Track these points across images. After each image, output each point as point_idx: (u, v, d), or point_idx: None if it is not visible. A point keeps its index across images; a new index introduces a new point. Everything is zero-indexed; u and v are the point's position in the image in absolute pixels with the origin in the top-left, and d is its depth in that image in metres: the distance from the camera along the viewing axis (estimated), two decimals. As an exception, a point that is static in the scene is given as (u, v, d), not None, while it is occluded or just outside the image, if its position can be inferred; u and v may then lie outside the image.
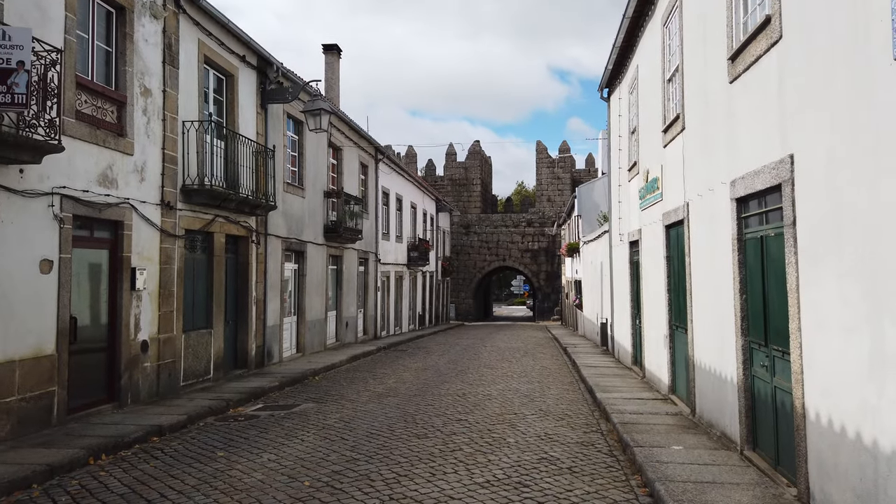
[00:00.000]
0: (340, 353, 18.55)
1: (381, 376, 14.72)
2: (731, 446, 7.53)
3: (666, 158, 10.98)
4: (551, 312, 48.25)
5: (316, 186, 18.83)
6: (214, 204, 12.48)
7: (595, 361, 16.74)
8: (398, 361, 17.95)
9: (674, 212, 10.33)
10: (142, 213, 10.57)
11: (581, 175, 51.86)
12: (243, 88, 14.29)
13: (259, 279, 14.97)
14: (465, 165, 51.28)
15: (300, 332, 17.76)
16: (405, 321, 31.14)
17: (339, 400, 11.53)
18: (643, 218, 13.20)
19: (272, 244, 15.68)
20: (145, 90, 10.74)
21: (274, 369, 14.86)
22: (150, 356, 10.82)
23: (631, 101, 14.91)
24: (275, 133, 15.93)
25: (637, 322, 14.53)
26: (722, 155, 7.79)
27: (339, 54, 22.85)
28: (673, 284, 10.83)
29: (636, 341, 14.73)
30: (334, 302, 20.96)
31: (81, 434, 8.30)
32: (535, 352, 21.16)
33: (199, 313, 12.63)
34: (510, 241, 48.71)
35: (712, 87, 8.16)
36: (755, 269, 6.88)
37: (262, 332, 15.09)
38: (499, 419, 9.77)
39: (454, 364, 17.21)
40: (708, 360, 8.62)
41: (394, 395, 12.04)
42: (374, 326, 25.38)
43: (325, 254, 19.56)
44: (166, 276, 11.24)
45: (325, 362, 16.36)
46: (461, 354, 19.98)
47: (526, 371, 15.74)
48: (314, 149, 18.75)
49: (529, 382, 13.75)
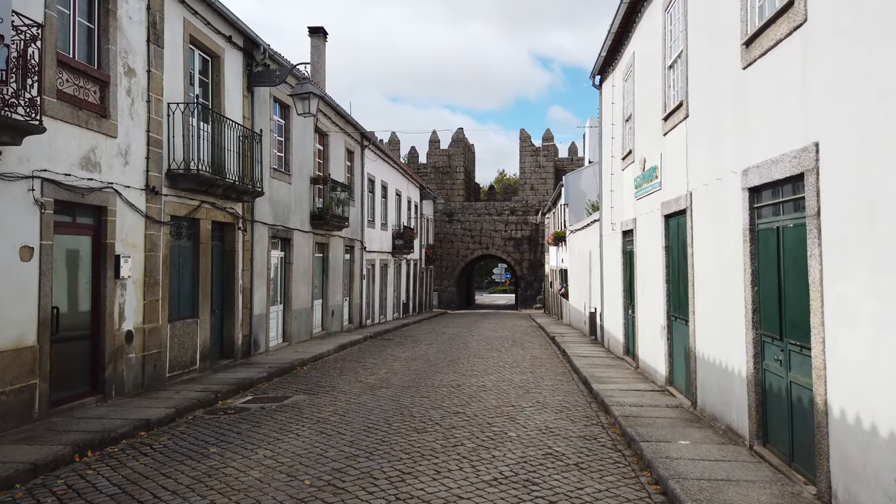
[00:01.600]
0: (327, 343, 18.24)
1: (371, 367, 14.45)
2: (739, 441, 7.39)
3: (666, 147, 10.79)
4: (534, 301, 48.30)
5: (302, 172, 18.42)
6: (201, 189, 12.07)
7: (585, 351, 16.62)
8: (386, 351, 17.69)
9: (674, 201, 10.15)
10: (126, 198, 10.15)
11: (564, 164, 51.78)
12: (229, 70, 13.84)
13: (245, 267, 14.59)
14: (449, 153, 50.91)
15: (287, 321, 17.42)
16: (390, 309, 30.87)
17: (332, 392, 11.25)
18: (639, 207, 13.02)
19: (259, 231, 15.29)
20: (129, 70, 10.29)
21: (261, 359, 14.52)
22: (135, 347, 10.44)
23: (626, 89, 14.70)
24: (261, 117, 15.49)
25: (630, 312, 14.41)
26: (731, 143, 7.60)
27: (325, 37, 22.34)
28: (672, 275, 10.67)
29: (628, 331, 14.62)
30: (320, 290, 20.61)
31: (65, 429, 7.94)
32: (523, 341, 21.02)
33: (185, 302, 12.24)
34: (493, 229, 48.55)
35: (721, 74, 7.95)
36: (769, 260, 6.71)
37: (248, 322, 14.73)
38: (497, 412, 9.56)
39: (444, 354, 16.99)
40: (712, 353, 8.48)
41: (387, 386, 11.79)
42: (359, 315, 25.07)
43: (311, 241, 19.18)
44: (151, 263, 10.84)
45: (312, 352, 16.05)
46: (449, 344, 19.77)
47: (517, 361, 15.56)
48: (301, 134, 18.32)
49: (522, 373, 13.57)
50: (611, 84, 16.33)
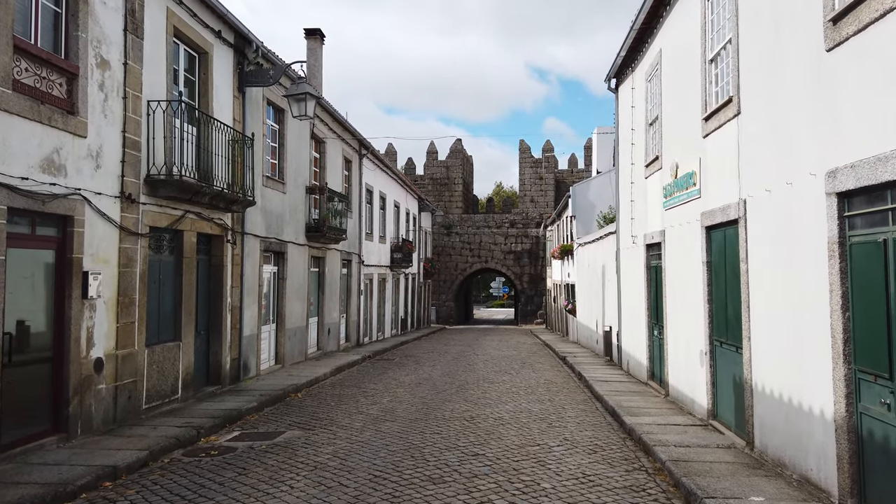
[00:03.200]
0: (323, 364, 16.93)
1: (372, 393, 13.15)
2: (823, 497, 6.15)
3: (707, 150, 9.62)
4: (534, 316, 47.04)
5: (297, 181, 17.19)
6: (184, 198, 10.82)
7: (603, 375, 15.36)
8: (387, 374, 16.39)
9: (720, 211, 8.95)
10: (97, 206, 8.89)
11: (564, 175, 50.84)
12: (218, 68, 12.63)
13: (235, 283, 13.31)
14: (447, 164, 49.84)
15: (279, 342, 16.11)
16: (388, 326, 29.55)
17: (330, 426, 9.96)
18: (669, 218, 11.84)
19: (250, 244, 14.03)
20: (102, 61, 9.07)
21: (251, 385, 13.21)
22: (106, 376, 9.14)
23: (650, 90, 13.57)
24: (253, 120, 14.28)
25: (656, 333, 13.18)
26: (810, 140, 6.42)
27: (322, 39, 21.18)
28: (716, 294, 9.46)
29: (654, 354, 13.38)
30: (316, 307, 19.32)
31: (13, 480, 6.63)
32: (533, 361, 19.74)
33: (166, 324, 10.95)
34: (493, 242, 47.39)
35: (792, 59, 6.79)
36: (868, 281, 5.50)
37: (237, 343, 13.44)
38: (522, 453, 8.29)
39: (450, 377, 15.70)
40: (777, 386, 7.25)
41: (391, 418, 10.50)
42: (356, 332, 23.76)
43: (306, 255, 17.92)
44: (127, 280, 9.57)
45: (307, 375, 14.74)
46: (454, 365, 18.48)
47: (531, 386, 14.29)
48: (296, 140, 17.11)
49: (540, 401, 12.29)
50: (630, 86, 15.20)
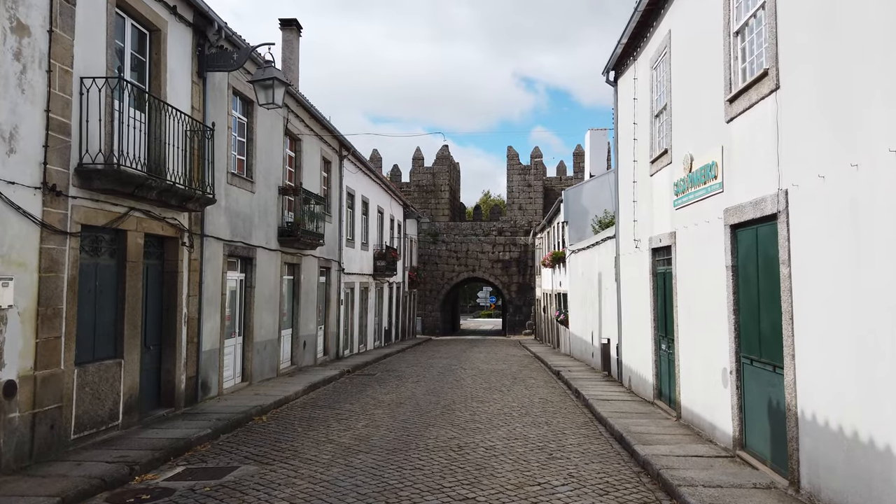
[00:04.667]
0: (296, 381, 15.41)
1: (346, 416, 11.66)
2: (913, 564, 4.78)
3: (732, 136, 8.30)
4: (523, 326, 45.72)
5: (269, 180, 15.73)
6: (127, 192, 9.33)
7: (603, 392, 13.97)
8: (366, 391, 14.90)
9: (751, 205, 7.62)
10: (8, 198, 7.39)
11: (553, 183, 49.73)
12: (174, 49, 11.18)
13: (193, 292, 11.81)
14: (433, 171, 48.52)
15: (246, 357, 14.58)
16: (370, 337, 28.03)
17: (292, 459, 8.48)
18: (680, 218, 10.52)
19: (211, 248, 12.54)
20: (20, 25, 7.60)
21: (210, 407, 11.68)
22: (20, 402, 7.61)
23: (656, 78, 12.29)
24: (217, 111, 12.83)
25: (664, 347, 11.83)
26: (885, 109, 5.09)
27: (298, 31, 19.80)
28: (744, 303, 8.11)
29: (662, 371, 12.03)
30: (290, 318, 17.80)
31: None
32: (524, 376, 18.32)
33: (104, 338, 9.43)
34: (480, 250, 46.08)
35: (854, 14, 5.48)
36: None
37: (195, 359, 11.91)
38: (520, 495, 6.86)
39: (435, 395, 14.24)
40: (835, 416, 5.89)
41: (366, 448, 9.03)
42: (335, 345, 22.23)
43: (279, 261, 16.43)
44: (50, 288, 8.06)
45: (276, 395, 13.23)
46: (440, 380, 17.02)
47: (525, 406, 12.86)
48: (267, 135, 15.66)
49: (536, 425, 10.87)
50: (631, 77, 13.92)
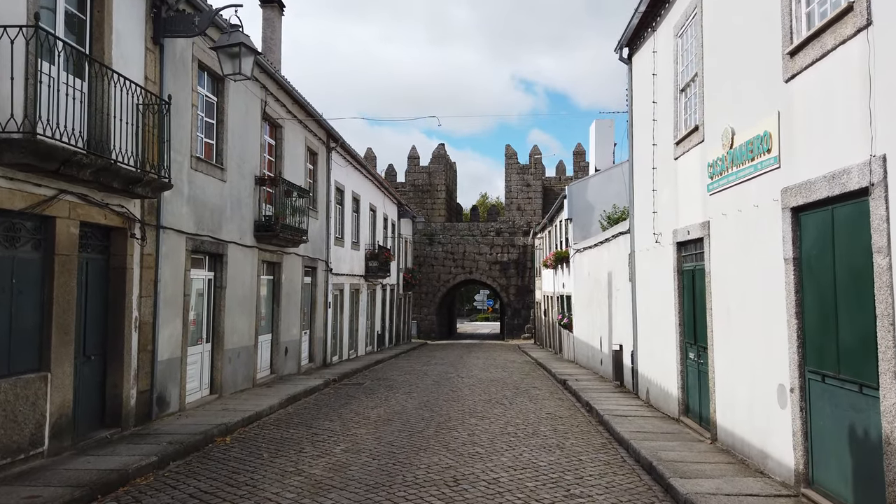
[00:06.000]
0: (273, 393, 13.75)
1: (324, 437, 10.02)
2: None
3: (794, 97, 6.71)
4: (521, 330, 44.15)
5: (243, 168, 14.09)
6: (52, 169, 7.66)
7: (619, 406, 12.35)
8: (351, 405, 13.25)
9: (824, 181, 6.02)
10: None
11: (552, 183, 48.35)
12: (121, 8, 9.54)
13: (146, 292, 10.16)
14: (429, 170, 47.01)
15: (215, 366, 12.91)
16: (361, 342, 26.36)
17: (249, 497, 6.83)
18: (716, 204, 8.92)
19: (170, 242, 10.90)
20: None
21: (166, 426, 10.03)
22: None
23: (681, 47, 10.70)
24: (179, 85, 11.20)
25: (693, 357, 10.22)
26: None
27: (281, 9, 18.17)
28: (812, 304, 6.50)
29: (690, 383, 10.42)
30: (269, 322, 16.15)
31: None
32: (527, 386, 16.69)
33: (24, 347, 7.77)
34: (477, 252, 44.49)
35: None
36: None
37: (149, 371, 10.26)
38: (534, 556, 5.23)
39: (429, 409, 12.60)
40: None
41: (340, 483, 7.38)
42: (322, 351, 20.57)
43: (255, 259, 14.78)
44: (-57, 285, 6.43)
45: (246, 410, 11.58)
46: (435, 391, 15.38)
47: (531, 423, 11.23)
48: (241, 118, 14.03)
49: (547, 448, 9.24)
50: (650, 50, 12.33)
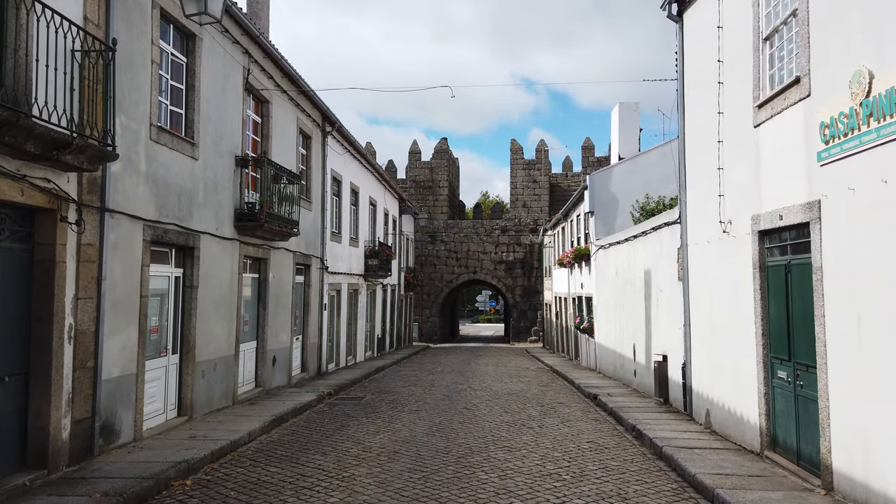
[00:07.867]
0: (255, 414, 11.50)
1: (312, 480, 7.75)
2: None
3: None
4: (528, 333, 41.91)
5: (220, 146, 11.85)
6: (-74, 119, 5.46)
7: (676, 434, 10.11)
8: (348, 429, 10.99)
9: None
10: None
11: (559, 180, 46.30)
12: (51, -78, 7.33)
13: (85, 293, 7.92)
14: (431, 165, 44.83)
15: (184, 382, 10.67)
16: (360, 348, 24.12)
17: None
18: (834, 176, 6.71)
19: (121, 229, 8.66)
20: None
21: (109, 464, 7.77)
22: None
23: (766, -16, 8.49)
24: (133, 34, 8.97)
25: (786, 376, 7.99)
26: None
27: (269, -31, 16.01)
28: None
29: (780, 410, 8.19)
30: (254, 328, 13.89)
31: None
32: (552, 401, 14.45)
33: None
34: (482, 251, 42.20)
35: None
36: None
37: (89, 393, 8.02)
38: None
39: (443, 435, 10.35)
40: None
41: (332, 566, 5.16)
42: (316, 359, 18.31)
43: (236, 254, 12.53)
44: None
45: (219, 438, 9.33)
46: (446, 408, 13.12)
47: (573, 458, 8.98)
48: (218, 85, 11.78)
49: (604, 498, 6.99)
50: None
